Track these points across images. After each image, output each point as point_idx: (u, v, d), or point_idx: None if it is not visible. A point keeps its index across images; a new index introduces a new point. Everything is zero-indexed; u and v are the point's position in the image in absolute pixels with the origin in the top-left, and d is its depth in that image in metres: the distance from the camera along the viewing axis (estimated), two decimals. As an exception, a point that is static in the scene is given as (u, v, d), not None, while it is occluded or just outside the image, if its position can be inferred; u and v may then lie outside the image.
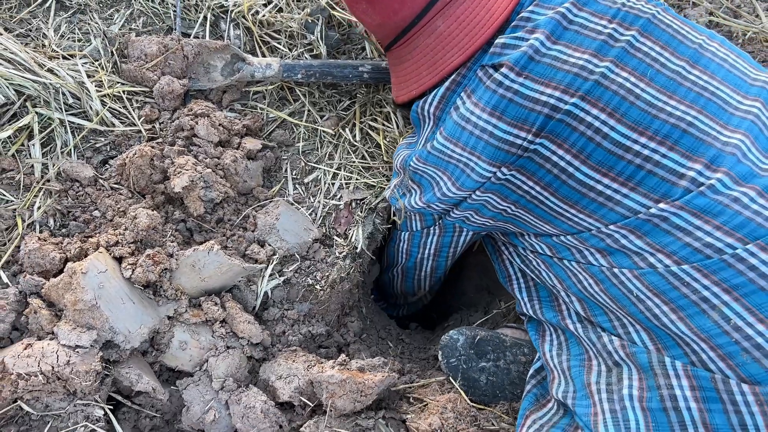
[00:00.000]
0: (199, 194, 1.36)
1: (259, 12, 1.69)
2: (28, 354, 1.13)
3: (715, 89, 1.12)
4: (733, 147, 1.05)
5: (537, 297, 1.40)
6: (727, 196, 1.02)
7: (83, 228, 1.36)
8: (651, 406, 1.06)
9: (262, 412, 1.25)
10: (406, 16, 1.30)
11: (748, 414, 0.98)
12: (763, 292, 0.98)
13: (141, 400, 1.29)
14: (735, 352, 1.00)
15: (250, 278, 1.39)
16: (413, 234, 1.50)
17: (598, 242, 1.16)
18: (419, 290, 1.69)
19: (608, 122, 1.09)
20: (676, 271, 1.05)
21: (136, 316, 1.23)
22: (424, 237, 1.49)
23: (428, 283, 1.64)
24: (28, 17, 1.60)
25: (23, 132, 1.42)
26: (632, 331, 1.15)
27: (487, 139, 1.18)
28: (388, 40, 1.39)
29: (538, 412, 1.24)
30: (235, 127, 1.51)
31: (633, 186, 1.09)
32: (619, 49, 1.11)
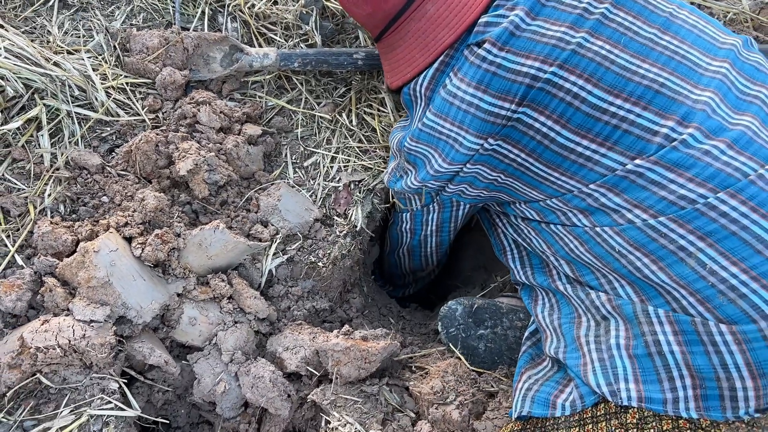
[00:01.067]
0: (204, 177, 1.42)
1: (255, 5, 1.75)
2: (45, 329, 1.19)
3: (686, 53, 1.18)
4: (703, 104, 1.11)
5: (529, 264, 1.46)
6: (699, 149, 1.08)
7: (92, 213, 1.41)
8: (637, 352, 1.12)
9: (270, 381, 1.30)
10: (396, 4, 1.35)
11: (728, 353, 1.04)
12: (735, 237, 1.04)
13: (153, 375, 1.34)
14: (712, 295, 1.06)
15: (255, 256, 1.44)
16: (414, 213, 1.56)
17: (579, 202, 1.22)
18: (427, 266, 1.76)
19: (585, 87, 1.15)
20: (654, 224, 1.11)
21: (147, 292, 1.28)
22: (424, 215, 1.55)
23: (435, 257, 1.71)
24: (32, 15, 1.65)
25: (32, 123, 1.47)
26: (617, 286, 1.21)
27: (474, 113, 1.24)
28: (379, 29, 1.44)
29: (534, 369, 1.29)
30: (235, 115, 1.56)
31: (610, 145, 1.15)
32: (593, 21, 1.17)
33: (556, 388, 1.20)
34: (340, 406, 1.29)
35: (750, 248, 1.03)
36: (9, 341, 1.20)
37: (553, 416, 1.16)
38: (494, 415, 1.26)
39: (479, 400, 1.29)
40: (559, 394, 1.19)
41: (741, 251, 1.03)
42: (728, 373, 1.04)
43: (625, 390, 1.10)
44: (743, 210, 1.04)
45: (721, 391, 1.05)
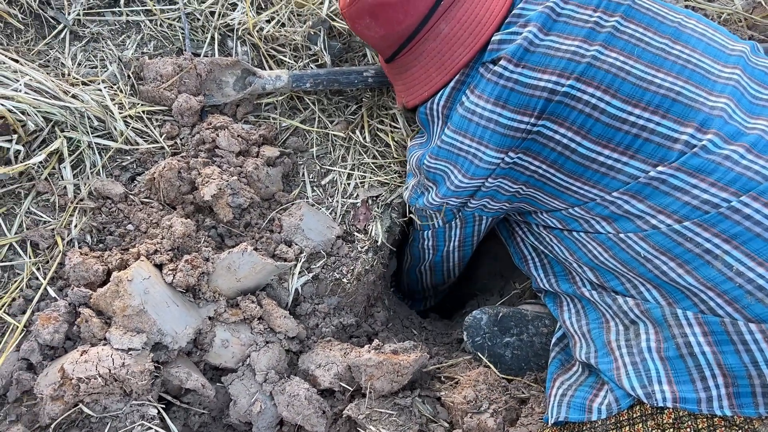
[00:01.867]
0: (228, 201, 1.44)
1: (264, 28, 1.77)
2: (85, 359, 1.20)
3: (698, 61, 1.22)
4: (720, 110, 1.15)
5: (552, 272, 1.49)
6: (719, 154, 1.12)
7: (119, 241, 1.43)
8: (668, 354, 1.15)
9: (306, 399, 1.32)
10: (410, 24, 1.38)
11: (758, 351, 1.07)
12: (760, 239, 1.08)
13: (189, 399, 1.36)
14: (740, 295, 1.10)
15: (282, 276, 1.47)
16: (436, 230, 1.59)
17: (602, 210, 1.25)
18: (449, 279, 1.79)
19: (604, 98, 1.18)
20: (679, 229, 1.15)
21: (181, 317, 1.31)
22: (447, 231, 1.58)
23: (457, 271, 1.74)
24: (45, 48, 1.67)
25: (54, 156, 1.49)
26: (644, 291, 1.24)
27: (493, 128, 1.27)
28: (392, 50, 1.47)
29: (565, 374, 1.32)
30: (252, 137, 1.59)
31: (632, 154, 1.19)
32: (606, 34, 1.21)
33: (591, 393, 1.23)
34: (376, 420, 1.31)
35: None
36: (50, 373, 1.22)
37: (589, 420, 1.19)
38: (528, 421, 1.29)
39: (512, 407, 1.32)
40: (594, 398, 1.22)
41: (766, 252, 1.07)
42: (759, 370, 1.07)
43: (660, 392, 1.14)
44: (766, 212, 1.07)
45: (753, 388, 1.08)
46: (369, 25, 1.42)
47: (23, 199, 1.46)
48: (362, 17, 1.40)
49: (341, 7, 1.45)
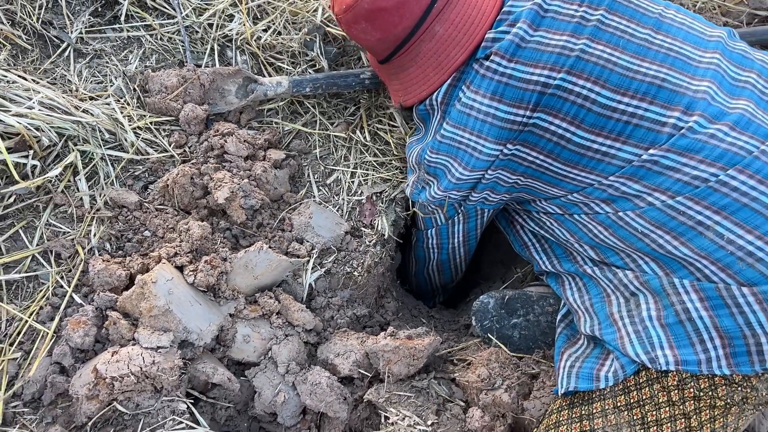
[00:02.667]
0: (240, 203, 1.51)
1: (261, 37, 1.84)
2: (116, 359, 1.26)
3: (680, 48, 1.30)
4: (703, 93, 1.23)
5: (554, 254, 1.56)
6: (705, 133, 1.20)
7: (138, 247, 1.49)
8: (668, 321, 1.23)
9: (328, 386, 1.38)
10: (406, 27, 1.44)
11: (751, 312, 1.15)
12: (747, 208, 1.16)
13: (215, 394, 1.41)
14: (732, 262, 1.18)
15: (296, 272, 1.53)
16: (440, 228, 1.66)
17: (601, 194, 1.33)
18: (457, 276, 1.86)
19: (594, 89, 1.26)
20: (672, 204, 1.23)
21: (205, 315, 1.37)
22: (450, 227, 1.64)
23: (464, 265, 1.81)
24: (51, 67, 1.73)
25: (69, 169, 1.55)
26: (642, 264, 1.32)
27: (491, 121, 1.35)
28: (388, 52, 1.52)
29: (572, 348, 1.40)
30: (257, 142, 1.65)
31: (624, 140, 1.27)
32: (592, 27, 1.29)
33: (597, 363, 1.31)
34: (395, 402, 1.38)
35: (761, 216, 1.16)
36: (83, 375, 1.27)
37: (598, 388, 1.27)
38: (540, 394, 1.36)
39: (524, 382, 1.40)
40: (601, 367, 1.29)
41: (754, 220, 1.15)
42: (753, 330, 1.16)
43: (663, 356, 1.21)
44: (752, 183, 1.16)
45: (749, 347, 1.16)
46: (365, 29, 1.47)
47: (42, 212, 1.51)
48: (358, 22, 1.46)
49: (336, 12, 1.50)
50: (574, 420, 1.27)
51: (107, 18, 1.86)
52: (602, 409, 1.25)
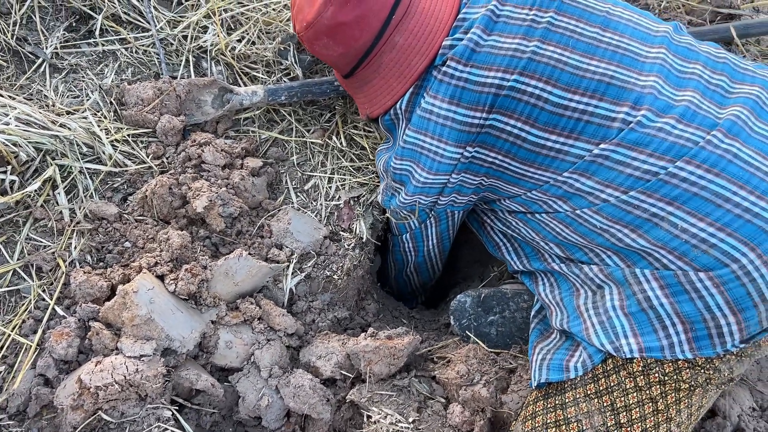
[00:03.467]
0: (219, 211, 1.53)
1: (236, 47, 1.87)
2: (100, 369, 1.28)
3: (627, 45, 1.35)
4: (650, 88, 1.28)
5: (524, 254, 1.60)
6: (653, 127, 1.25)
7: (118, 258, 1.51)
8: (631, 310, 1.28)
9: (310, 388, 1.41)
10: (367, 41, 1.47)
11: (709, 296, 1.20)
12: (697, 197, 1.21)
13: (199, 400, 1.43)
14: (687, 250, 1.22)
15: (276, 278, 1.56)
16: (413, 232, 1.69)
17: (557, 191, 1.37)
18: (435, 275, 1.90)
19: (546, 89, 1.31)
20: (626, 199, 1.27)
21: (187, 323, 1.39)
22: (424, 230, 1.68)
23: (440, 265, 1.85)
24: (27, 83, 1.74)
25: (47, 183, 1.56)
26: (605, 257, 1.36)
27: (450, 125, 1.39)
28: (350, 66, 1.55)
29: (544, 341, 1.44)
30: (235, 151, 1.68)
31: (576, 136, 1.31)
32: (542, 29, 1.34)
33: (567, 354, 1.34)
34: (378, 402, 1.41)
35: (711, 204, 1.20)
36: (67, 385, 1.29)
37: (568, 378, 1.31)
38: (518, 388, 1.40)
39: (502, 377, 1.43)
40: (570, 358, 1.33)
41: (705, 208, 1.20)
42: (712, 313, 1.20)
43: (627, 344, 1.26)
44: (699, 173, 1.21)
45: (709, 330, 1.21)
46: (327, 45, 1.49)
47: (22, 226, 1.52)
48: (320, 38, 1.48)
49: (298, 30, 1.52)
50: (549, 410, 1.30)
51: (82, 33, 1.88)
52: (574, 398, 1.29)
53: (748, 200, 1.19)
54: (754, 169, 1.20)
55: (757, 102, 1.28)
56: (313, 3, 1.43)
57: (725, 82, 1.33)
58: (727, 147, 1.22)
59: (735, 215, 1.19)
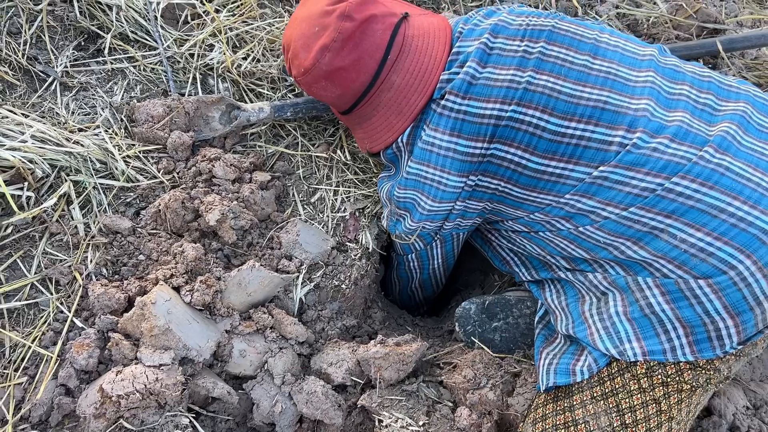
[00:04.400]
0: (231, 224, 1.58)
1: (241, 65, 1.92)
2: (121, 378, 1.32)
3: (617, 71, 1.41)
4: (643, 111, 1.34)
5: (531, 266, 1.66)
6: (648, 148, 1.31)
7: (133, 271, 1.55)
8: (634, 316, 1.34)
9: (323, 394, 1.46)
10: (364, 81, 1.52)
11: (708, 302, 1.26)
12: (694, 209, 1.28)
13: (215, 408, 1.48)
14: (686, 259, 1.29)
15: (287, 288, 1.61)
16: (419, 252, 1.74)
17: (559, 211, 1.43)
18: (438, 289, 1.96)
19: (543, 117, 1.37)
20: (626, 215, 1.34)
21: (203, 332, 1.43)
22: (429, 251, 1.73)
23: (444, 279, 1.91)
24: (39, 101, 1.79)
25: (62, 199, 1.61)
26: (608, 268, 1.43)
27: (452, 156, 1.45)
28: (348, 105, 1.59)
29: (550, 346, 1.49)
30: (243, 165, 1.73)
31: (576, 161, 1.37)
32: (535, 60, 1.40)
33: (573, 358, 1.40)
34: (388, 406, 1.46)
35: (707, 215, 1.27)
36: (89, 395, 1.33)
37: (575, 381, 1.36)
38: (523, 391, 1.46)
39: (507, 381, 1.49)
40: (576, 362, 1.39)
41: (701, 219, 1.27)
42: (711, 317, 1.26)
43: (630, 348, 1.32)
44: (694, 187, 1.28)
45: (709, 333, 1.27)
46: (325, 87, 1.54)
47: (38, 241, 1.56)
48: (318, 82, 1.53)
49: (295, 76, 1.56)
50: (558, 412, 1.36)
51: (91, 51, 1.93)
52: (581, 400, 1.35)
53: (742, 210, 1.25)
54: (746, 180, 1.27)
55: (744, 117, 1.35)
56: (309, 49, 1.47)
57: (712, 101, 1.40)
58: (719, 161, 1.28)
59: (730, 225, 1.25)
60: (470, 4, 2.26)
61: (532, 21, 1.45)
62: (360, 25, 1.46)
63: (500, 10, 1.56)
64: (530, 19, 1.46)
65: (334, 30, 1.44)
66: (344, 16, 1.45)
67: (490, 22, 1.48)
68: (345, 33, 1.44)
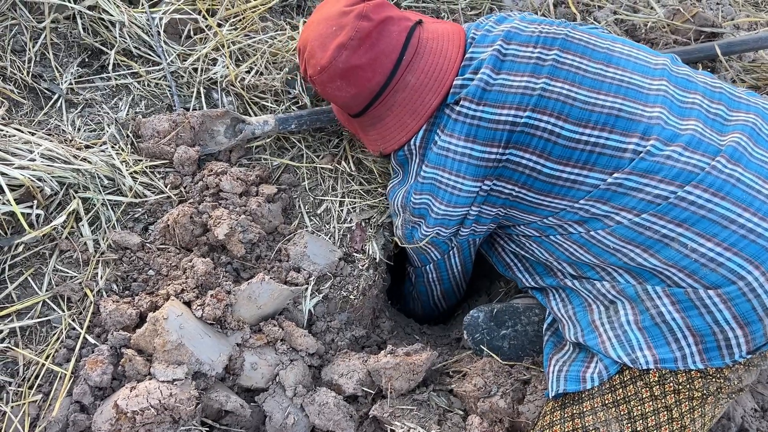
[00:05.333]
0: (239, 238, 1.59)
1: (245, 78, 1.94)
2: (135, 394, 1.33)
3: (630, 79, 1.43)
4: (657, 119, 1.36)
5: (535, 272, 1.67)
6: (661, 155, 1.33)
7: (144, 286, 1.57)
8: (645, 325, 1.35)
9: (335, 405, 1.47)
10: (380, 81, 1.53)
11: (718, 311, 1.28)
12: (705, 219, 1.29)
13: (228, 421, 1.49)
14: (696, 268, 1.30)
15: (296, 300, 1.62)
16: (437, 263, 1.75)
17: (573, 216, 1.44)
18: (461, 294, 1.96)
19: (558, 124, 1.39)
20: (638, 221, 1.35)
21: (215, 346, 1.44)
22: (447, 261, 1.74)
23: (466, 285, 1.91)
24: (45, 118, 1.80)
25: (71, 216, 1.62)
26: (617, 276, 1.44)
27: (468, 161, 1.46)
28: (362, 106, 1.60)
29: (559, 353, 1.51)
30: (250, 178, 1.74)
31: (590, 167, 1.39)
32: (549, 67, 1.42)
33: (583, 365, 1.42)
34: (399, 416, 1.47)
35: (718, 225, 1.28)
36: (104, 411, 1.34)
37: (585, 389, 1.38)
38: (534, 398, 1.47)
39: (518, 388, 1.50)
40: (587, 369, 1.40)
41: (712, 229, 1.28)
42: (721, 327, 1.28)
43: (642, 356, 1.33)
44: (706, 197, 1.29)
45: (718, 342, 1.29)
46: (340, 87, 1.55)
47: (48, 258, 1.58)
48: (334, 81, 1.53)
49: (311, 75, 1.57)
50: (566, 419, 1.37)
51: (95, 68, 1.94)
52: (592, 407, 1.36)
53: (752, 222, 1.27)
54: (756, 192, 1.29)
55: (754, 129, 1.37)
56: (326, 48, 1.49)
57: (723, 111, 1.41)
58: (731, 172, 1.30)
59: (740, 236, 1.27)
60: (469, 14, 2.28)
61: (545, 29, 1.47)
62: (377, 26, 1.48)
63: (511, 16, 1.58)
64: (543, 27, 1.47)
65: (352, 29, 1.46)
66: (362, 16, 1.47)
67: (503, 29, 1.50)
68: (362, 32, 1.46)
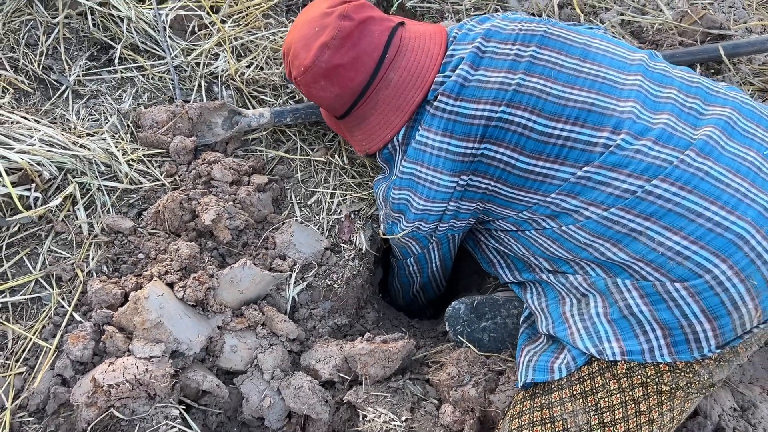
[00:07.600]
0: (226, 224, 1.63)
1: (245, 73, 1.99)
2: (113, 369, 1.38)
3: (605, 74, 1.43)
4: (629, 113, 1.36)
5: (515, 267, 1.68)
6: (631, 149, 1.33)
7: (132, 268, 1.62)
8: (614, 317, 1.35)
9: (309, 390, 1.49)
10: (362, 80, 1.55)
11: (686, 305, 1.27)
12: (672, 213, 1.28)
13: (206, 401, 1.52)
14: (663, 262, 1.29)
15: (279, 286, 1.65)
16: (417, 256, 1.77)
17: (545, 210, 1.45)
18: (440, 291, 1.98)
19: (531, 118, 1.39)
20: (607, 215, 1.35)
21: (194, 327, 1.48)
22: (426, 254, 1.76)
23: (445, 281, 1.93)
24: (51, 108, 1.88)
25: (68, 200, 1.69)
26: (589, 270, 1.44)
27: (445, 156, 1.48)
28: (346, 106, 1.62)
29: (532, 344, 1.50)
30: (242, 168, 1.79)
31: (561, 161, 1.39)
32: (526, 63, 1.43)
33: (552, 356, 1.41)
34: (373, 402, 1.48)
35: (685, 219, 1.27)
36: (83, 384, 1.39)
37: (553, 379, 1.37)
38: (505, 388, 1.47)
39: (491, 378, 1.50)
40: (555, 360, 1.40)
41: (678, 222, 1.27)
42: (689, 320, 1.27)
43: (609, 348, 1.32)
44: (673, 190, 1.28)
45: (686, 336, 1.27)
46: (324, 87, 1.57)
47: (44, 239, 1.64)
48: (317, 81, 1.56)
49: (295, 76, 1.59)
50: (535, 409, 1.37)
51: (102, 61, 2.02)
52: (560, 398, 1.35)
53: (719, 215, 1.26)
54: (725, 186, 1.28)
55: (728, 122, 1.36)
56: (309, 48, 1.52)
57: (699, 105, 1.40)
58: (699, 165, 1.29)
59: (707, 229, 1.26)
60: (474, 14, 2.30)
61: (524, 26, 1.48)
62: (358, 25, 1.51)
63: (494, 16, 1.60)
64: (522, 24, 1.49)
65: (333, 29, 1.49)
66: (343, 16, 1.50)
67: (484, 27, 1.52)
68: (344, 31, 1.49)
